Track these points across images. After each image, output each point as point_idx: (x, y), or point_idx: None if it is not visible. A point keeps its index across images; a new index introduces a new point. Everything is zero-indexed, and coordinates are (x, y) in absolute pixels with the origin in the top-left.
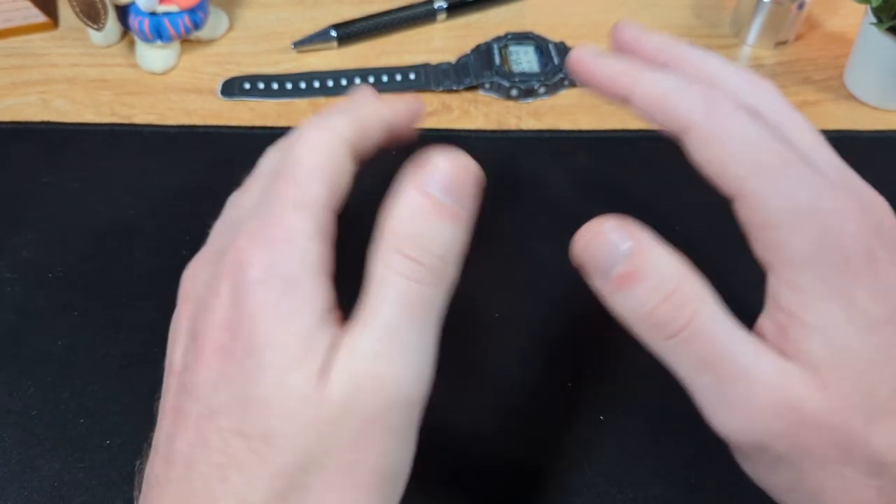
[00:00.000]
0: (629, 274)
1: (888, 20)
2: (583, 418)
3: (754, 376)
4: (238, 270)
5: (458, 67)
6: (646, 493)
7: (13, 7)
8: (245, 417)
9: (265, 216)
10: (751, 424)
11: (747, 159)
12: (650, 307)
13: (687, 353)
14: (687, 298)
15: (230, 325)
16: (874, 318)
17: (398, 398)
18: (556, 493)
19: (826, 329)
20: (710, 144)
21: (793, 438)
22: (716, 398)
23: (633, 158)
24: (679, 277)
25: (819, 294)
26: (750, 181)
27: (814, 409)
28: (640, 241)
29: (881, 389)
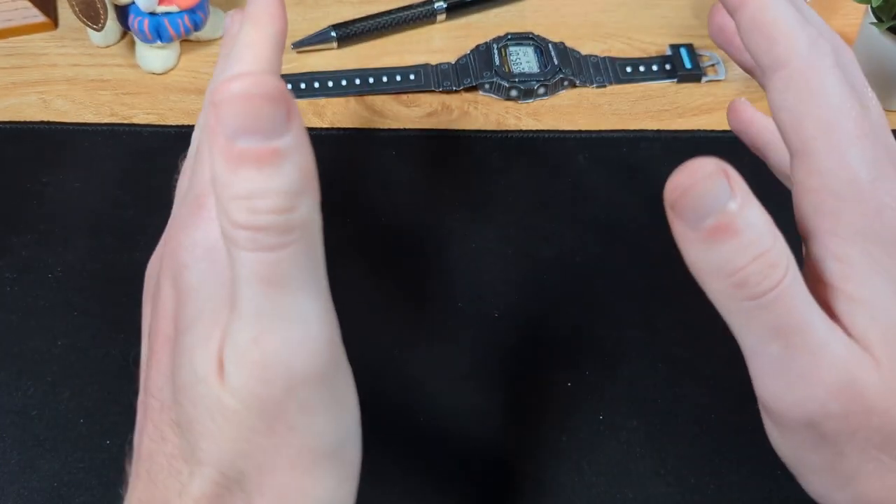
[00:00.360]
0: (725, 226)
1: (888, 20)
2: (583, 418)
3: (824, 352)
4: (172, 260)
5: (458, 68)
6: (646, 493)
7: (13, 7)
8: (177, 407)
9: (191, 200)
10: (809, 401)
11: (828, 118)
12: (740, 264)
13: (763, 317)
14: (779, 260)
15: (173, 314)
16: None
17: (295, 376)
18: (557, 493)
19: (874, 304)
20: (797, 90)
21: (845, 420)
22: (780, 369)
23: (633, 158)
24: (774, 238)
25: (867, 269)
26: (820, 140)
27: (871, 391)
28: (743, 194)
29: None
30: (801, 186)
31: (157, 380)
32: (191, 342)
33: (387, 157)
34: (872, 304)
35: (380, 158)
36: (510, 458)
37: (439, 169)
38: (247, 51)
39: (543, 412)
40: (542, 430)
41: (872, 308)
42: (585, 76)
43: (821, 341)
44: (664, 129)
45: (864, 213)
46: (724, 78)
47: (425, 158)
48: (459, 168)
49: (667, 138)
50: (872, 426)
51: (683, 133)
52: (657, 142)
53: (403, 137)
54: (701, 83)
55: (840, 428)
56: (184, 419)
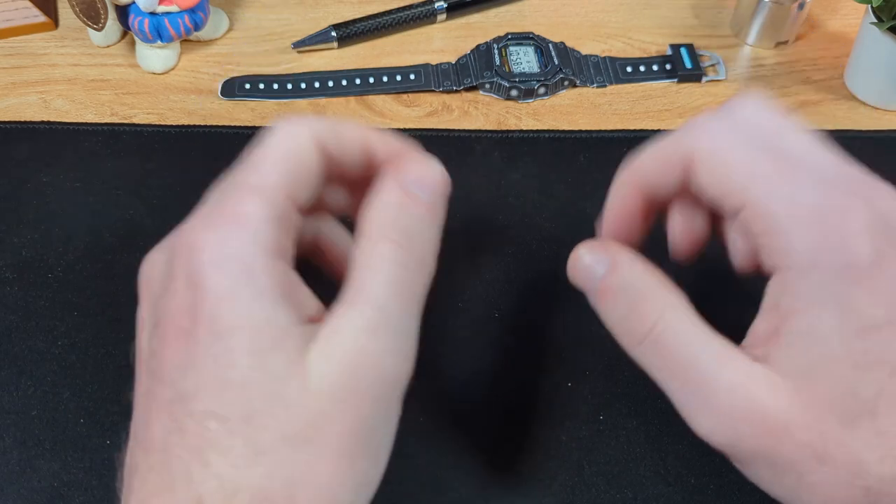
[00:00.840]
0: (604, 289)
1: (888, 20)
2: (583, 418)
3: (716, 382)
4: (190, 253)
5: (458, 68)
6: (646, 493)
7: (13, 7)
8: (220, 400)
9: (220, 201)
10: (718, 427)
11: (746, 171)
12: (621, 315)
13: (654, 358)
14: (651, 310)
15: (189, 309)
16: (870, 321)
17: (387, 374)
18: (557, 493)
19: (811, 336)
20: (710, 167)
21: (758, 440)
22: (685, 402)
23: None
24: (645, 290)
25: (815, 300)
26: (750, 191)
27: (779, 412)
28: (615, 259)
29: (865, 392)
30: (754, 237)
31: (171, 371)
32: (250, 345)
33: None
34: (810, 334)
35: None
36: (510, 459)
37: None
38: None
39: (543, 412)
40: (542, 430)
41: (809, 338)
42: (586, 76)
43: (710, 372)
44: (665, 129)
45: (810, 242)
46: (724, 78)
47: None
48: (459, 168)
49: None
50: (797, 444)
51: None
52: None
53: (403, 138)
54: (701, 83)
55: (758, 447)
56: (236, 412)
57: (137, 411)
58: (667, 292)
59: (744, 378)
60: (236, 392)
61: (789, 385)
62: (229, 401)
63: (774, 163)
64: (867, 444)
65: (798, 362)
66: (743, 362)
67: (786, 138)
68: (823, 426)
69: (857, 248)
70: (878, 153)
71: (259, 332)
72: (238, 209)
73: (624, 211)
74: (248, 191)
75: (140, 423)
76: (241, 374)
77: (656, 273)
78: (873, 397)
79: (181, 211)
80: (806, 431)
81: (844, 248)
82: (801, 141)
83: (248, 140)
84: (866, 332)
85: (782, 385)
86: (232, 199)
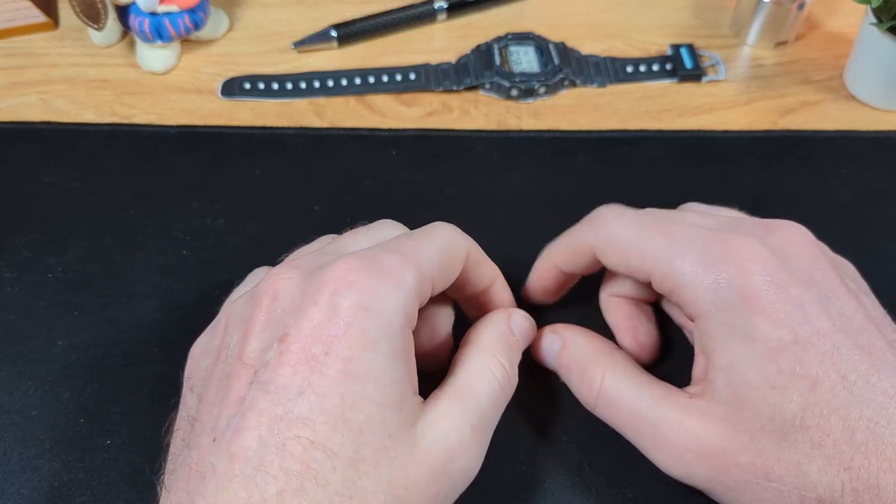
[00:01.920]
0: (560, 364)
1: (888, 20)
2: (583, 418)
3: (658, 422)
4: (344, 287)
5: (459, 67)
6: (646, 493)
7: (13, 7)
8: (335, 436)
9: (379, 254)
10: (671, 461)
11: (639, 248)
12: (577, 383)
13: (607, 414)
14: (594, 374)
15: (325, 339)
16: (776, 343)
17: (470, 469)
18: (557, 493)
19: (730, 368)
20: (606, 254)
21: (706, 466)
22: (643, 445)
23: (633, 158)
24: (588, 359)
25: (724, 336)
26: (647, 263)
27: (716, 438)
28: (564, 339)
29: (789, 409)
30: (669, 297)
31: (285, 389)
32: (378, 398)
33: (387, 157)
34: (728, 367)
35: (380, 158)
36: (510, 459)
37: (439, 169)
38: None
39: (543, 412)
40: (542, 430)
41: (728, 370)
42: (586, 76)
43: (653, 417)
44: (665, 129)
45: (706, 288)
46: (724, 78)
47: (425, 158)
48: (459, 168)
49: (667, 138)
50: (738, 465)
51: (684, 133)
52: (658, 141)
53: (403, 137)
54: (701, 83)
55: (707, 475)
56: (347, 452)
57: (222, 410)
58: (606, 357)
59: (681, 414)
60: (352, 435)
61: (720, 414)
62: (342, 440)
63: (664, 232)
64: (805, 455)
65: (724, 393)
66: (679, 401)
67: (673, 214)
68: (759, 445)
69: (752, 282)
70: (878, 153)
71: (387, 389)
72: (398, 272)
73: (542, 283)
74: (409, 261)
75: (223, 423)
76: (361, 420)
77: (597, 341)
78: (799, 412)
79: (181, 211)
80: (744, 453)
81: (739, 284)
82: (689, 208)
83: (248, 140)
84: (775, 354)
85: (714, 415)
86: (392, 260)
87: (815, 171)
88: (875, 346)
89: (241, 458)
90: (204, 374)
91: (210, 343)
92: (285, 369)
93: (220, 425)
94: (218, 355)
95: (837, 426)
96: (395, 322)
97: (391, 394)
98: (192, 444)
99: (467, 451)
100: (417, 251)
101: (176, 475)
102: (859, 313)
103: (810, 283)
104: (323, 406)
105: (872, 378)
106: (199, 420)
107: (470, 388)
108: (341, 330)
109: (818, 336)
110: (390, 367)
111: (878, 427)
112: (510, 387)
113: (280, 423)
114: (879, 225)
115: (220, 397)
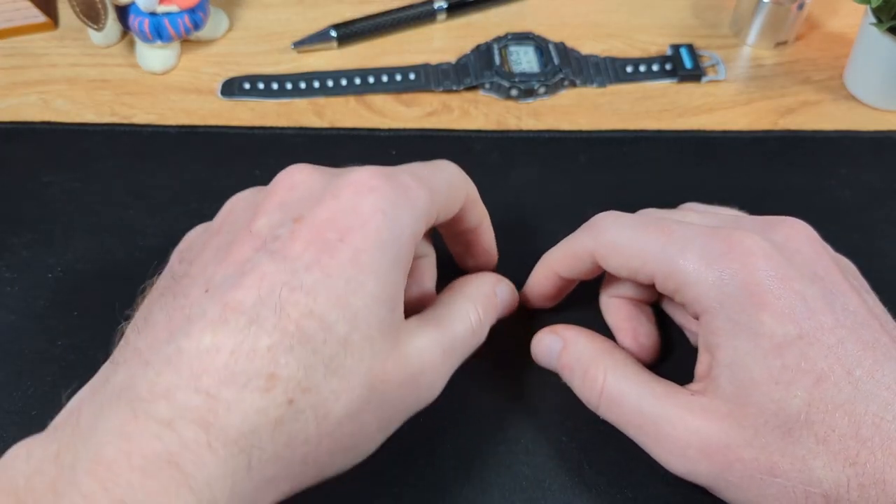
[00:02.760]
0: (562, 365)
1: (888, 20)
2: (583, 418)
3: (661, 419)
4: (366, 190)
5: (458, 67)
6: (646, 493)
7: (13, 7)
8: (332, 312)
9: (398, 172)
10: (674, 458)
11: (638, 251)
12: (579, 384)
13: (611, 413)
14: (596, 374)
15: (340, 228)
16: (781, 338)
17: (434, 390)
18: (557, 493)
19: (734, 364)
20: (607, 258)
21: (710, 463)
22: (646, 444)
23: (633, 158)
24: (590, 359)
25: (729, 332)
26: (649, 264)
27: (719, 434)
28: (565, 340)
29: (794, 404)
30: (673, 297)
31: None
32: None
33: (387, 157)
34: (732, 363)
35: (380, 158)
36: (510, 459)
37: None
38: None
39: (543, 412)
40: (542, 430)
41: (732, 367)
42: (586, 76)
43: (655, 414)
44: (665, 129)
45: (710, 285)
46: (724, 78)
47: (425, 158)
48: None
49: (667, 138)
50: (742, 461)
51: (684, 133)
52: (658, 141)
53: (403, 137)
54: (701, 83)
55: (710, 471)
56: (341, 330)
57: (218, 267)
58: (608, 356)
59: (683, 411)
60: (348, 317)
61: (724, 410)
62: (338, 318)
63: (663, 232)
64: (810, 450)
65: (727, 390)
66: (681, 398)
67: (673, 213)
68: (763, 441)
69: (756, 277)
70: (878, 153)
71: (386, 287)
72: (414, 191)
73: (540, 289)
74: (423, 184)
75: (219, 278)
76: (359, 307)
77: (598, 341)
78: (804, 407)
79: (181, 211)
80: (748, 448)
81: (743, 280)
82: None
83: (248, 140)
84: (780, 350)
85: (717, 411)
86: (409, 181)
87: (814, 171)
88: (879, 342)
89: (236, 308)
90: (199, 244)
91: (210, 226)
92: (298, 244)
93: (216, 279)
94: (219, 230)
95: (843, 421)
96: (405, 233)
97: (389, 293)
98: (177, 293)
99: (436, 370)
100: (431, 178)
101: (154, 318)
102: (862, 309)
103: (814, 278)
104: (328, 283)
105: (877, 373)
106: (189, 276)
107: (448, 320)
108: (358, 223)
109: (822, 331)
110: (393, 270)
111: (884, 422)
112: (479, 337)
113: (283, 288)
114: (879, 225)
115: (219, 258)
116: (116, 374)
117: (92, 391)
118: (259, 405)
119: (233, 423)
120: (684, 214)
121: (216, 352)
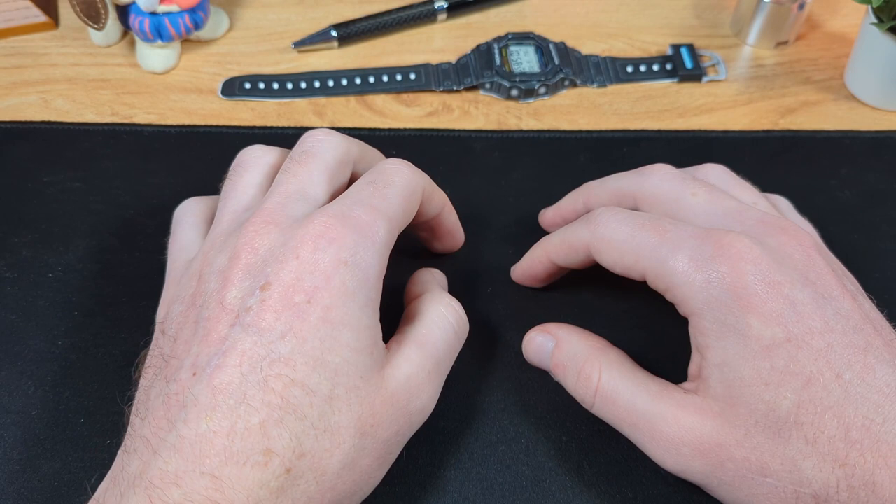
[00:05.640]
0: (555, 364)
1: (889, 20)
2: (582, 418)
3: (654, 417)
4: (325, 243)
5: (459, 67)
6: (646, 493)
7: (13, 7)
8: (313, 375)
9: (352, 210)
10: (667, 456)
11: (631, 249)
12: (573, 383)
13: (605, 412)
14: (591, 372)
15: (307, 289)
16: (769, 340)
17: (425, 411)
18: (557, 493)
19: (724, 365)
20: (601, 253)
21: (702, 461)
22: (640, 441)
23: (633, 158)
24: (584, 358)
25: (718, 334)
26: (640, 263)
27: (711, 433)
28: (557, 338)
29: (783, 405)
30: (664, 295)
31: (268, 332)
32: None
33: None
34: (722, 363)
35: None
36: (510, 458)
37: (439, 169)
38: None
39: (543, 411)
40: (542, 430)
41: (721, 367)
42: (586, 76)
43: (649, 412)
44: (665, 129)
45: (699, 287)
46: (724, 78)
47: (425, 158)
48: (459, 168)
49: (668, 138)
50: (733, 459)
51: (684, 133)
52: (658, 141)
53: (403, 137)
54: (701, 83)
55: (703, 469)
56: (323, 390)
57: (202, 348)
58: (602, 354)
59: (678, 409)
60: (329, 375)
61: (715, 409)
62: (319, 380)
63: (657, 231)
64: (800, 451)
65: (718, 390)
66: (675, 396)
67: (682, 202)
68: (753, 441)
69: (743, 280)
70: (878, 153)
71: (361, 335)
72: (372, 227)
73: (532, 271)
74: (380, 214)
75: (203, 360)
76: (338, 362)
77: (591, 339)
78: (793, 409)
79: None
80: (739, 448)
81: (731, 283)
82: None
83: (248, 140)
84: (768, 352)
85: (709, 410)
86: (366, 216)
87: (815, 171)
88: (871, 345)
89: (224, 391)
90: (179, 319)
91: (182, 292)
92: (268, 314)
93: (201, 361)
94: (193, 301)
95: (832, 423)
96: (371, 274)
97: (364, 340)
98: (169, 377)
99: (424, 392)
100: (386, 203)
101: (153, 404)
102: (856, 313)
103: (804, 282)
104: (303, 349)
105: (868, 376)
106: (176, 357)
107: (429, 336)
108: (322, 281)
109: (811, 334)
110: (364, 315)
111: (874, 424)
112: (464, 330)
113: (262, 362)
114: (879, 225)
115: (200, 337)
116: (131, 464)
117: (112, 481)
118: (260, 479)
119: (238, 499)
120: (695, 190)
121: (213, 435)
